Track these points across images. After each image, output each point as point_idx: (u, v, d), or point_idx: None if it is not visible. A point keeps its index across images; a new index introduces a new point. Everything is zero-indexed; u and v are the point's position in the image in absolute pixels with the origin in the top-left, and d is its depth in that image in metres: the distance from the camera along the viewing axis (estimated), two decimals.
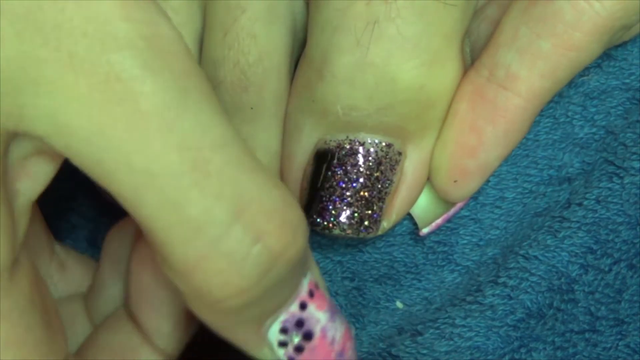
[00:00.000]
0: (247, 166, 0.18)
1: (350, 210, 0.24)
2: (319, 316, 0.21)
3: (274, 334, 0.20)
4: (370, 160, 0.24)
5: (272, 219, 0.18)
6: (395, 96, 0.23)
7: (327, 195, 0.24)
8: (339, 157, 0.24)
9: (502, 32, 0.23)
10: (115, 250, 0.26)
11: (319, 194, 0.24)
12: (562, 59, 0.23)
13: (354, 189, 0.24)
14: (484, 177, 0.25)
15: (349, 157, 0.24)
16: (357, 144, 0.24)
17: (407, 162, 0.24)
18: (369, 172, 0.24)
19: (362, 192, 0.24)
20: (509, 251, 0.28)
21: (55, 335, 0.20)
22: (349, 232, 0.24)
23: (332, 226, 0.24)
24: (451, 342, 0.27)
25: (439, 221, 0.27)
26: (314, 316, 0.21)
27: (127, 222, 0.26)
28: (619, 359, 0.26)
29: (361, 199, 0.24)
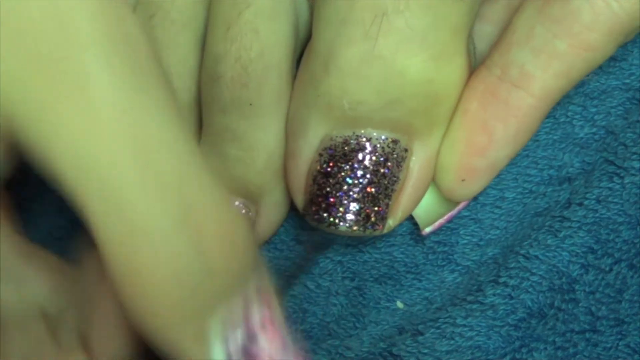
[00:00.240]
0: (195, 173, 0.17)
1: (356, 206, 0.24)
2: (268, 349, 0.20)
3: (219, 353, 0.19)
4: (376, 156, 0.23)
5: (216, 229, 0.18)
6: (403, 90, 0.23)
7: (334, 191, 0.24)
8: (345, 153, 0.23)
9: (515, 31, 0.23)
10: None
11: (325, 190, 0.24)
12: (578, 59, 0.23)
13: (361, 185, 0.23)
14: (492, 176, 0.25)
15: (356, 153, 0.23)
16: (364, 140, 0.23)
17: (413, 159, 0.24)
18: (375, 168, 0.23)
19: (368, 188, 0.23)
20: (509, 251, 0.28)
21: None
22: (355, 228, 0.24)
23: (338, 222, 0.24)
24: (452, 342, 0.26)
25: (441, 221, 0.27)
26: (263, 348, 0.20)
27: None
28: (619, 358, 0.26)
29: (367, 195, 0.24)
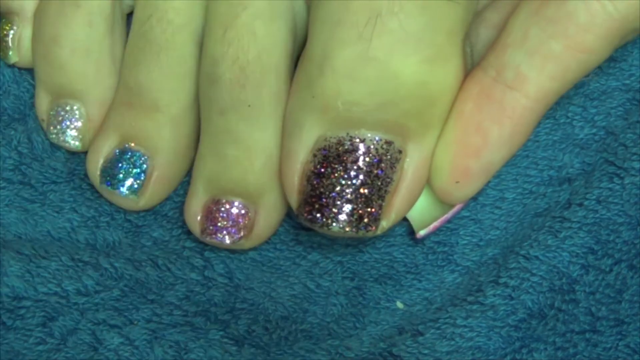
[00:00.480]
0: None
1: (349, 207, 0.24)
2: None
3: None
4: (370, 157, 0.23)
5: None
6: (397, 92, 0.23)
7: (327, 192, 0.24)
8: (339, 154, 0.23)
9: (510, 32, 0.23)
10: None
11: (318, 191, 0.24)
12: (573, 61, 0.23)
13: (354, 186, 0.23)
14: (486, 178, 0.24)
15: (349, 154, 0.23)
16: (358, 141, 0.23)
17: (407, 161, 0.24)
18: (368, 170, 0.23)
19: (361, 190, 0.23)
20: (509, 251, 0.28)
21: None
22: (347, 230, 0.24)
23: (331, 222, 0.24)
24: (452, 342, 0.26)
25: (436, 224, 0.27)
26: None
27: None
28: (619, 359, 0.26)
29: (361, 196, 0.23)
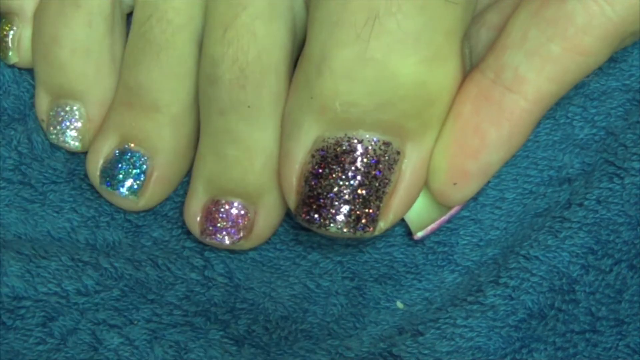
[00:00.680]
0: None
1: (347, 208, 0.24)
2: None
3: None
4: (368, 158, 0.23)
5: None
6: (395, 92, 0.23)
7: (325, 192, 0.24)
8: (337, 155, 0.23)
9: (509, 34, 0.23)
10: None
11: (316, 192, 0.24)
12: (571, 63, 0.23)
13: (352, 187, 0.23)
14: (484, 180, 0.24)
15: (347, 154, 0.23)
16: (356, 142, 0.23)
17: (405, 162, 0.24)
18: (366, 170, 0.23)
19: (359, 190, 0.23)
20: (509, 251, 0.28)
21: None
22: (345, 230, 0.24)
23: (328, 223, 0.24)
24: (452, 343, 0.26)
25: (434, 226, 0.27)
26: None
27: None
28: (619, 359, 0.26)
29: (358, 197, 0.23)
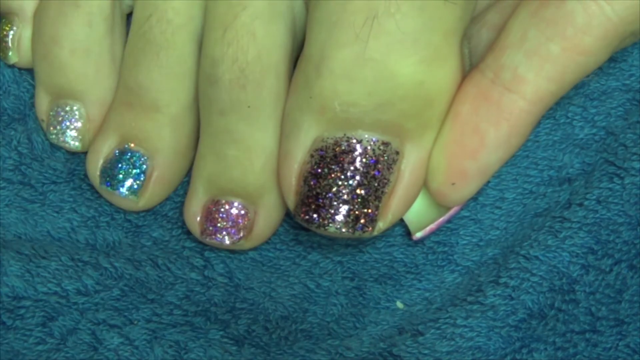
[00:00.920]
0: None
1: (346, 207, 0.24)
2: None
3: None
4: (367, 158, 0.23)
5: None
6: (394, 92, 0.23)
7: (323, 192, 0.24)
8: (336, 155, 0.23)
9: (509, 34, 0.23)
10: None
11: (315, 191, 0.24)
12: (571, 63, 0.23)
13: (351, 187, 0.23)
14: (483, 181, 0.24)
15: (346, 154, 0.23)
16: (355, 142, 0.23)
17: (404, 162, 0.24)
18: (365, 170, 0.23)
19: (358, 190, 0.23)
20: (509, 251, 0.28)
21: None
22: (344, 230, 0.24)
23: (327, 223, 0.24)
24: (452, 343, 0.26)
25: (432, 226, 0.27)
26: None
27: None
28: (619, 359, 0.26)
29: (357, 197, 0.23)
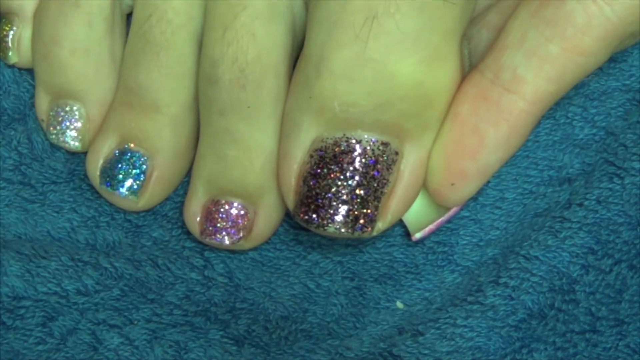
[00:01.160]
0: None
1: (345, 208, 0.24)
2: None
3: None
4: (366, 158, 0.23)
5: None
6: (393, 92, 0.23)
7: (323, 192, 0.24)
8: (335, 155, 0.23)
9: (508, 34, 0.23)
10: None
11: (314, 192, 0.24)
12: (570, 63, 0.23)
13: (350, 187, 0.23)
14: (482, 181, 0.24)
15: (345, 154, 0.23)
16: (354, 142, 0.23)
17: (404, 162, 0.24)
18: (365, 171, 0.23)
19: (357, 191, 0.23)
20: (509, 251, 0.28)
21: None
22: (343, 231, 0.24)
23: (327, 223, 0.24)
24: (452, 343, 0.27)
25: (432, 227, 0.27)
26: None
27: None
28: (619, 359, 0.26)
29: (357, 197, 0.23)
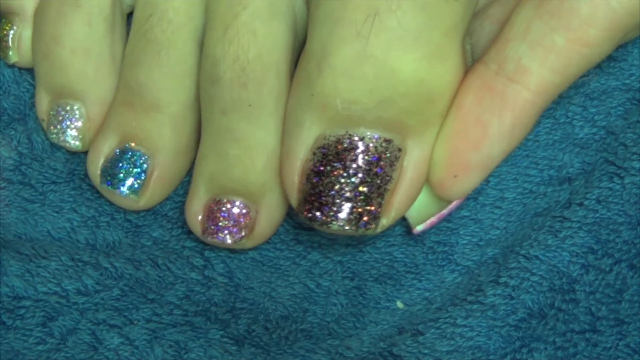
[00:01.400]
0: None
1: (349, 205, 0.24)
2: None
3: None
4: (369, 155, 0.23)
5: None
6: (395, 89, 0.23)
7: (326, 190, 0.24)
8: (338, 152, 0.23)
9: (513, 25, 0.23)
10: None
11: (318, 189, 0.24)
12: (575, 54, 0.23)
13: (353, 184, 0.23)
14: (485, 173, 0.24)
15: (348, 152, 0.23)
16: (357, 139, 0.23)
17: (407, 159, 0.24)
18: (368, 168, 0.23)
19: (361, 188, 0.23)
20: (509, 251, 0.28)
21: None
22: (347, 228, 0.24)
23: (330, 221, 0.24)
24: (453, 342, 0.26)
25: (434, 219, 0.27)
26: None
27: None
28: (619, 358, 0.26)
29: (360, 194, 0.23)
